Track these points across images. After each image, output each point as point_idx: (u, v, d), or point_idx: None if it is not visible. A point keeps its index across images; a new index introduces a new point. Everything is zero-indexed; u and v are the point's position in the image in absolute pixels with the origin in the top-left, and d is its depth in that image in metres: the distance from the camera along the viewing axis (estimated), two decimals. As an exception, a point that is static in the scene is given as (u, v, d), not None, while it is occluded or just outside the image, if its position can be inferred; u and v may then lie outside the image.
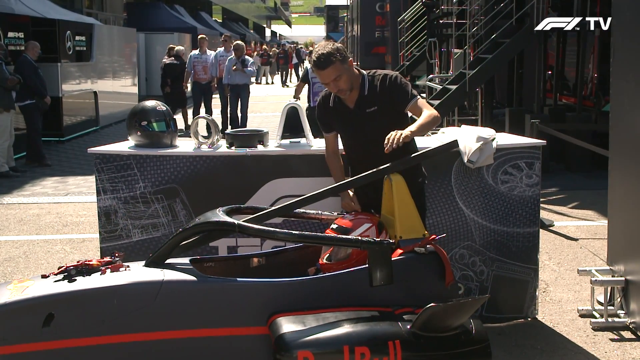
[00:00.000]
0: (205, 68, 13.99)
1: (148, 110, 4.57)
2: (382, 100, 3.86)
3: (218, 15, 41.71)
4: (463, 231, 4.45)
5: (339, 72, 3.77)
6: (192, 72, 14.05)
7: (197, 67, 14.03)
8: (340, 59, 3.78)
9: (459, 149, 4.18)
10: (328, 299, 3.16)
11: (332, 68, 3.75)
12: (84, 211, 7.96)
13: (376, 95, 3.87)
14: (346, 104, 3.93)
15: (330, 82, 3.80)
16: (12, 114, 10.18)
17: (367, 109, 3.88)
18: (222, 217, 3.30)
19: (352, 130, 3.96)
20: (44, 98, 10.86)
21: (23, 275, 5.73)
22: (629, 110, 4.49)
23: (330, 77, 3.78)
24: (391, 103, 3.86)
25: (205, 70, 13.97)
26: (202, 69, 14.02)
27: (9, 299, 3.04)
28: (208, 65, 13.95)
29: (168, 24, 23.97)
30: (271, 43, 58.35)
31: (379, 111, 3.86)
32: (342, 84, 3.81)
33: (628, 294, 4.55)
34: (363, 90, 3.89)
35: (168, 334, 3.07)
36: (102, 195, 4.41)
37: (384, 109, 3.86)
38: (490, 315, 4.52)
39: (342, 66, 3.78)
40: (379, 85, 3.88)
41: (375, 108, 3.86)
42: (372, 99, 3.87)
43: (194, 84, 14.12)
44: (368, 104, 3.87)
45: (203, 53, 14.11)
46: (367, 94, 3.88)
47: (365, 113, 3.88)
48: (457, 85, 10.53)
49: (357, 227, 3.41)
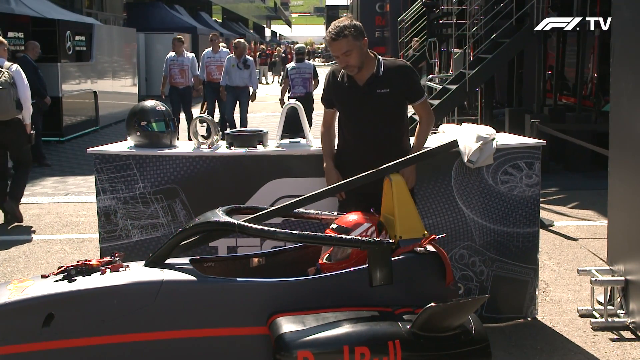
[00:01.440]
0: (183, 72, 12.60)
1: (147, 110, 4.57)
2: (396, 86, 4.00)
3: (218, 15, 41.72)
4: (463, 231, 4.45)
5: (349, 47, 3.88)
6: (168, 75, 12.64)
7: (173, 70, 12.64)
8: (354, 35, 3.89)
9: (458, 149, 4.19)
10: (328, 299, 3.15)
11: (343, 41, 3.87)
12: (83, 211, 7.96)
13: (390, 79, 4.00)
14: (355, 81, 4.03)
15: (340, 55, 3.90)
16: None
17: (377, 89, 3.99)
18: (222, 217, 3.30)
19: (355, 107, 4.06)
20: (44, 98, 10.83)
21: (23, 275, 5.73)
22: (629, 110, 4.49)
23: (340, 50, 3.89)
24: (403, 92, 4.04)
25: (183, 74, 12.59)
26: (179, 72, 12.62)
27: (8, 298, 3.03)
28: (186, 68, 12.61)
29: (168, 24, 23.98)
30: (271, 43, 58.38)
31: (390, 94, 3.99)
32: (351, 60, 3.92)
33: (628, 294, 4.55)
34: (378, 70, 4.00)
35: (168, 334, 3.07)
36: (101, 195, 4.41)
37: (395, 94, 4.01)
38: (490, 315, 4.52)
39: (354, 42, 3.89)
40: (395, 70, 4.03)
41: (387, 90, 3.99)
42: (385, 81, 3.99)
43: (170, 88, 12.68)
44: (380, 84, 3.99)
45: (179, 55, 12.67)
46: (382, 75, 4.00)
47: (375, 93, 4.00)
48: (457, 85, 10.54)
49: (357, 227, 3.41)
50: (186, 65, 12.56)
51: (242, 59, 12.05)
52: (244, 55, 12.14)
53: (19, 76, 7.24)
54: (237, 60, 12.06)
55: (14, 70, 7.24)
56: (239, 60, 12.05)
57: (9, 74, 7.10)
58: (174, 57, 12.68)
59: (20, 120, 7.25)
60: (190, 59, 12.68)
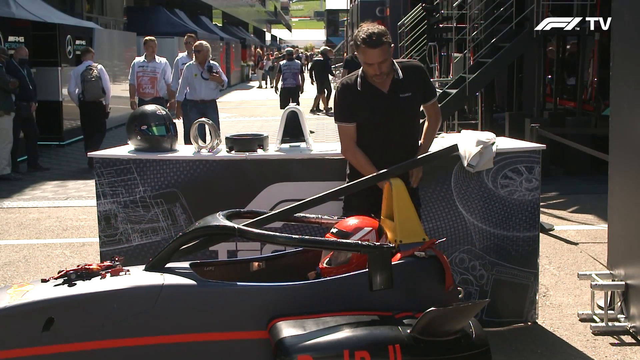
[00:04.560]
0: (153, 80, 10.62)
1: (148, 114, 4.57)
2: (415, 89, 3.93)
3: (218, 19, 41.75)
4: (463, 235, 4.45)
5: (386, 54, 3.76)
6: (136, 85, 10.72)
7: (142, 78, 10.61)
8: (389, 42, 3.78)
9: (458, 153, 4.19)
10: (328, 303, 3.15)
11: (382, 48, 3.73)
12: (83, 215, 7.96)
13: (410, 82, 3.92)
14: (378, 88, 3.90)
15: (376, 63, 3.75)
16: (12, 117, 10.17)
17: (401, 94, 3.90)
18: (222, 221, 3.30)
19: (383, 115, 3.89)
20: (30, 102, 10.67)
21: (23, 279, 5.73)
22: (629, 114, 4.49)
23: (379, 58, 3.73)
24: (421, 93, 3.96)
25: (153, 83, 10.62)
26: (148, 80, 10.61)
27: (8, 303, 3.03)
28: (157, 76, 10.65)
29: (168, 28, 23.98)
30: (271, 47, 58.43)
31: (412, 97, 3.92)
32: (384, 68, 3.80)
33: (628, 298, 4.54)
34: (397, 75, 3.90)
35: (168, 338, 3.07)
36: (101, 199, 4.41)
37: (416, 97, 3.95)
38: (490, 319, 4.51)
39: (388, 50, 3.78)
40: (412, 72, 3.95)
41: (409, 94, 3.91)
42: (406, 84, 3.90)
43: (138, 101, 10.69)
44: (402, 89, 3.90)
45: (150, 60, 10.68)
46: (402, 78, 3.90)
47: (399, 98, 3.90)
48: (457, 89, 10.55)
49: (357, 231, 3.40)
50: (157, 73, 10.67)
51: (205, 66, 9.71)
52: (208, 61, 9.80)
53: (102, 73, 10.88)
54: (200, 68, 9.72)
55: (99, 68, 10.88)
56: (202, 68, 9.72)
57: (97, 70, 10.76)
58: (143, 62, 10.73)
59: (102, 102, 10.96)
60: (163, 64, 10.77)
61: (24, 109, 10.55)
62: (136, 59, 11.17)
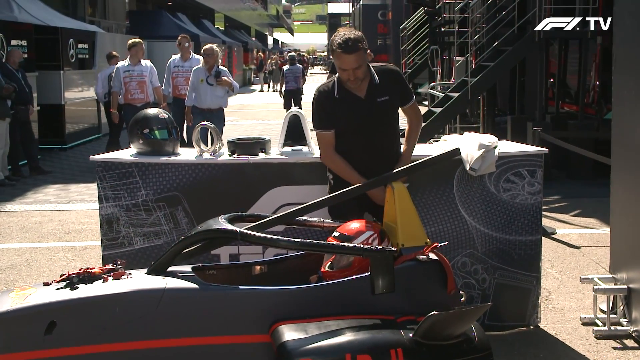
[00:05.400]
0: (142, 84, 10.08)
1: (150, 118, 4.58)
2: (393, 92, 3.94)
3: (220, 22, 41.79)
4: (465, 239, 4.44)
5: (362, 60, 3.77)
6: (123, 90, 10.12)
7: (129, 84, 10.05)
8: (365, 48, 3.80)
9: (461, 157, 4.19)
10: (330, 306, 3.15)
11: (358, 55, 3.74)
12: (86, 219, 7.97)
13: (387, 86, 3.93)
14: (355, 94, 3.91)
15: (351, 69, 3.76)
16: (8, 122, 10.10)
17: (378, 98, 3.91)
18: (224, 225, 3.30)
19: (361, 120, 3.91)
20: (28, 105, 10.63)
21: (25, 282, 5.73)
22: (631, 118, 4.49)
23: (354, 64, 3.74)
24: (398, 96, 3.97)
25: (142, 88, 10.08)
26: (136, 85, 10.05)
27: (10, 306, 3.03)
28: (145, 80, 10.14)
29: (170, 32, 23.96)
30: (273, 51, 58.49)
31: (389, 101, 3.93)
32: (359, 73, 3.81)
33: (631, 302, 4.53)
34: (373, 79, 3.91)
35: (170, 342, 3.07)
36: (104, 202, 4.41)
37: (393, 100, 3.96)
38: (492, 323, 4.50)
39: (364, 56, 3.79)
40: (388, 76, 3.96)
41: (386, 98, 3.92)
42: (383, 88, 3.92)
43: (126, 106, 10.16)
44: (379, 93, 3.91)
45: (135, 64, 10.13)
46: (378, 83, 3.91)
47: (377, 102, 3.91)
48: (459, 93, 10.56)
49: (359, 235, 3.40)
50: (145, 76, 10.15)
51: (213, 72, 9.09)
52: (217, 65, 9.22)
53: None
54: (206, 74, 9.09)
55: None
56: (209, 73, 9.08)
57: None
58: (128, 66, 10.14)
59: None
60: (149, 68, 10.27)
61: (22, 112, 10.50)
62: (119, 63, 10.47)
